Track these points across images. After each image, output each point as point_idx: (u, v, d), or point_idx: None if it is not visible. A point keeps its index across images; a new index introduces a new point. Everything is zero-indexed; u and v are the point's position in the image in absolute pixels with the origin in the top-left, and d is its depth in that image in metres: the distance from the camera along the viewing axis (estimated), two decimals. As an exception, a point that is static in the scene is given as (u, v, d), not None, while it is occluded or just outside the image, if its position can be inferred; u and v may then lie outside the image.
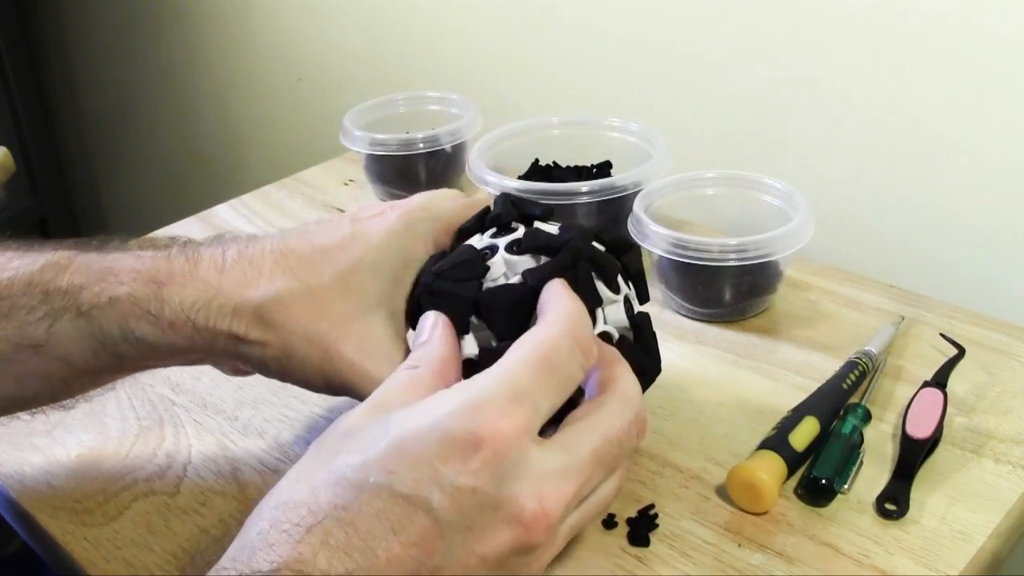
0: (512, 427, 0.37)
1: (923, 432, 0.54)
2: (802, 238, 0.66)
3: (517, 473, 0.37)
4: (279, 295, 0.48)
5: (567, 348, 0.41)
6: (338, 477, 0.37)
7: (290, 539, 0.35)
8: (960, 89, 0.76)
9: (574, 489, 0.39)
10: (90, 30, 1.85)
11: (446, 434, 0.36)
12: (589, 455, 0.40)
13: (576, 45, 1.03)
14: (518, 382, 0.39)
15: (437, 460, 0.36)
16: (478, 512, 0.36)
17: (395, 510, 0.36)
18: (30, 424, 0.63)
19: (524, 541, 0.37)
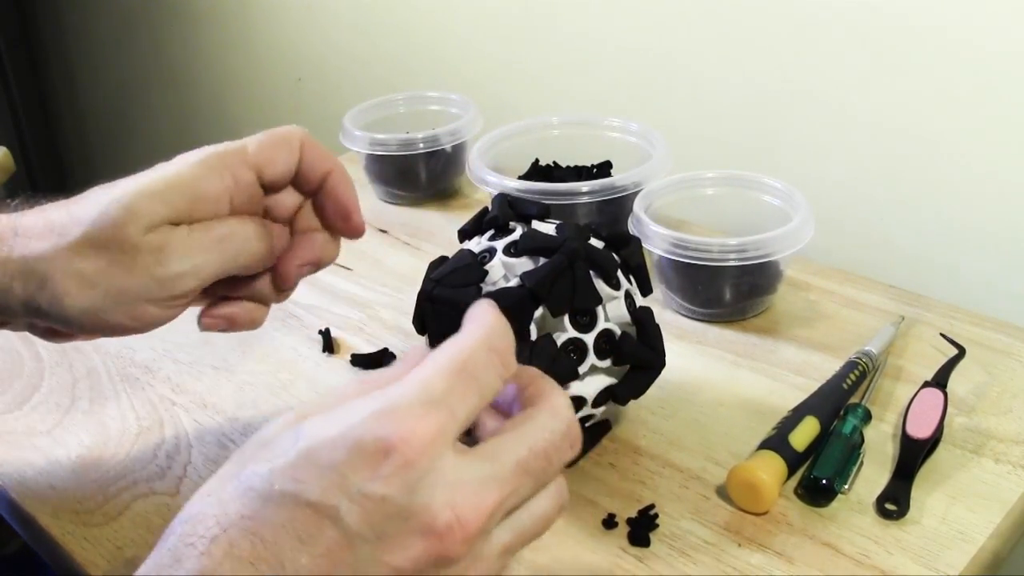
0: (425, 433, 0.35)
1: (923, 432, 0.54)
2: (802, 238, 0.66)
3: (430, 481, 0.35)
4: (64, 244, 0.47)
5: (484, 356, 0.39)
6: (246, 487, 0.36)
7: (195, 551, 0.35)
8: (960, 90, 0.76)
9: (494, 500, 0.36)
10: (90, 30, 1.85)
11: (356, 441, 0.35)
12: (513, 465, 0.38)
13: (576, 45, 1.03)
14: (432, 388, 0.37)
15: (346, 468, 0.35)
16: (389, 522, 0.35)
17: (302, 520, 0.35)
18: (30, 424, 0.63)
19: (439, 553, 0.35)
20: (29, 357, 0.71)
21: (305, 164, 0.51)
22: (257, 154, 0.50)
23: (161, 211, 0.47)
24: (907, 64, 0.78)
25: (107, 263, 0.46)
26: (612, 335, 0.52)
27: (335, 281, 0.77)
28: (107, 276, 0.47)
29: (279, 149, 0.51)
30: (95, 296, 0.47)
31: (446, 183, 0.91)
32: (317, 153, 0.51)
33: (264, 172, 0.50)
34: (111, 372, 0.68)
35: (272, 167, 0.50)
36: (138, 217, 0.47)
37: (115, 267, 0.46)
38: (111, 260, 0.46)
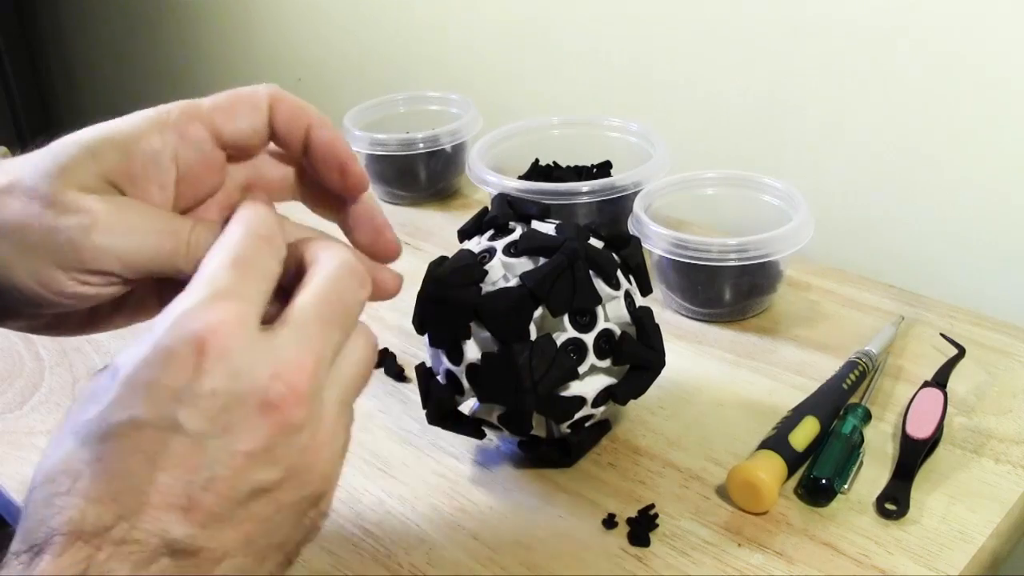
0: (227, 318, 0.36)
1: (923, 432, 0.54)
2: (802, 238, 0.66)
3: (249, 361, 0.36)
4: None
5: (254, 243, 0.39)
6: (84, 435, 0.36)
7: (56, 509, 0.35)
8: (960, 90, 0.76)
9: (313, 358, 0.37)
10: (90, 30, 1.85)
11: (167, 350, 0.35)
12: (315, 320, 0.38)
13: (576, 46, 1.03)
14: (217, 282, 0.37)
15: (167, 378, 0.35)
16: (227, 412, 0.35)
17: (146, 440, 0.35)
18: (30, 424, 0.63)
19: (282, 423, 0.36)
20: (29, 357, 0.71)
21: (279, 123, 0.45)
22: (212, 108, 0.45)
23: (91, 166, 0.42)
24: (907, 65, 0.78)
25: (24, 215, 0.41)
26: (612, 335, 0.52)
27: (335, 281, 0.77)
28: (20, 228, 0.41)
29: (240, 104, 0.45)
30: (2, 248, 0.42)
31: (446, 183, 0.91)
32: (291, 108, 0.45)
33: (222, 129, 0.44)
34: (111, 372, 0.68)
35: (230, 123, 0.44)
36: (66, 170, 0.42)
37: (32, 220, 0.41)
38: (29, 213, 0.41)
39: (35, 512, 0.35)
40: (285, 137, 0.45)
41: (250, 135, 0.45)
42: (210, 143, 0.44)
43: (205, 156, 0.44)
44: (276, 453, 0.36)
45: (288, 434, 0.36)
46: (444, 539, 0.52)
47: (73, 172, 0.42)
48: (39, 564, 0.34)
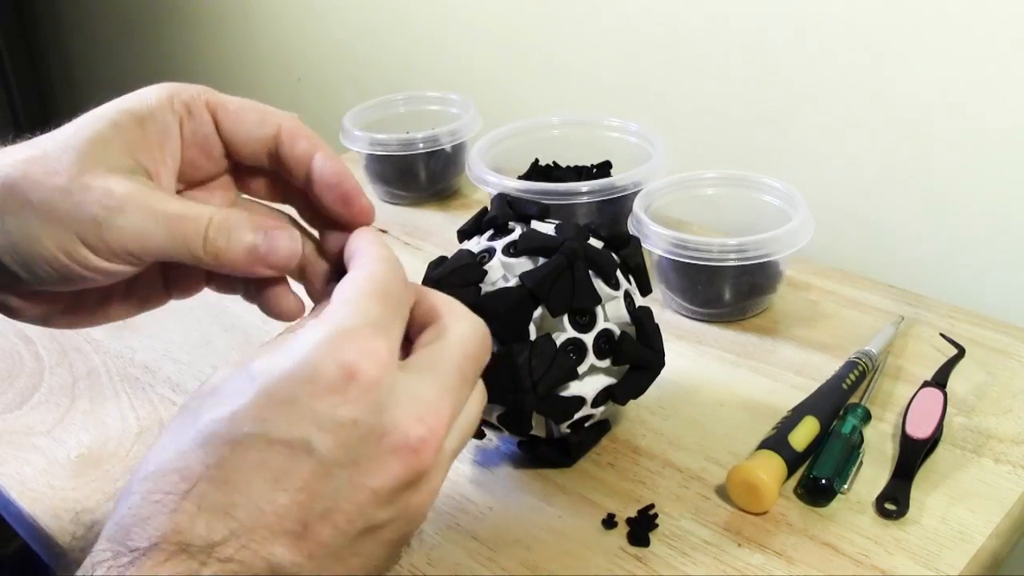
0: (381, 354, 0.35)
1: (923, 432, 0.54)
2: (802, 238, 0.66)
3: (394, 399, 0.35)
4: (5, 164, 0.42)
5: (398, 284, 0.39)
6: (207, 435, 0.34)
7: (164, 510, 0.33)
8: (960, 89, 0.76)
9: (450, 408, 0.37)
10: (90, 30, 1.85)
11: (315, 369, 0.34)
12: (455, 373, 0.38)
13: (576, 45, 1.03)
14: (370, 312, 0.37)
15: (310, 398, 0.34)
16: (363, 444, 0.34)
17: (274, 458, 0.34)
18: (30, 424, 0.63)
19: (415, 467, 0.35)
20: (29, 357, 0.71)
21: (285, 148, 0.45)
22: (222, 102, 0.45)
23: (115, 140, 0.43)
24: (907, 65, 0.78)
25: (51, 188, 0.41)
26: (611, 335, 0.52)
27: (335, 281, 0.77)
28: (47, 200, 0.41)
29: (250, 111, 0.45)
30: (30, 218, 0.41)
31: (446, 183, 0.91)
32: (301, 136, 0.45)
33: (224, 124, 0.45)
34: (111, 372, 0.68)
35: (236, 123, 0.45)
36: (92, 144, 0.42)
37: (58, 193, 0.41)
38: (55, 185, 0.41)
39: (140, 505, 0.34)
40: (287, 163, 0.45)
41: (250, 142, 0.45)
42: (211, 128, 0.45)
43: (207, 142, 0.45)
44: (399, 494, 0.36)
45: (416, 478, 0.36)
46: (444, 539, 0.52)
47: (98, 147, 0.42)
48: (139, 567, 0.33)
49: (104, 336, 0.73)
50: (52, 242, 0.41)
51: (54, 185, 0.41)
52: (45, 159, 0.42)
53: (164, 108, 0.44)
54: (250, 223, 0.43)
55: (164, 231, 0.41)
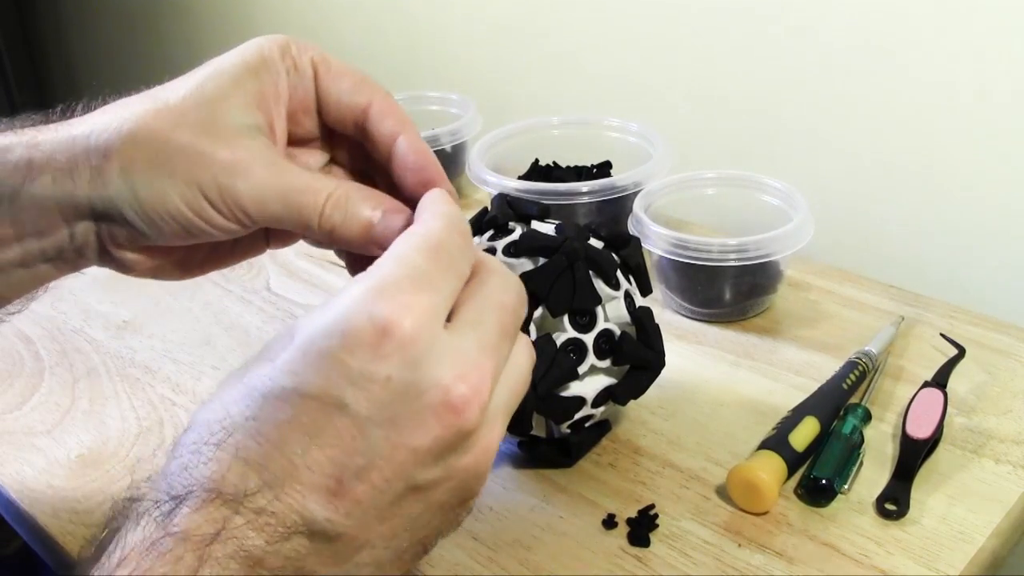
0: (420, 307, 0.34)
1: (923, 432, 0.54)
2: (802, 238, 0.66)
3: (433, 356, 0.34)
4: (128, 116, 0.42)
5: (455, 238, 0.38)
6: (248, 389, 0.35)
7: (203, 458, 0.34)
8: (960, 89, 0.76)
9: (493, 363, 0.36)
10: (90, 30, 1.85)
11: (350, 324, 0.34)
12: (497, 327, 0.37)
13: (576, 45, 1.03)
14: (417, 267, 0.36)
15: (344, 353, 0.34)
16: (398, 402, 0.34)
17: (307, 413, 0.34)
18: (30, 424, 0.63)
19: (457, 427, 0.35)
20: (29, 357, 0.71)
21: (372, 123, 0.45)
22: (323, 59, 0.45)
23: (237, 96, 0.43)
24: (907, 64, 0.78)
25: (179, 144, 0.41)
26: (612, 335, 0.52)
27: (335, 281, 0.77)
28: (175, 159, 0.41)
29: (347, 77, 0.46)
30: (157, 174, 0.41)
31: (446, 183, 0.91)
32: (389, 114, 0.46)
33: (322, 84, 0.45)
34: (111, 372, 0.68)
35: (331, 85, 0.45)
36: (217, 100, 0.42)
37: (184, 150, 0.41)
38: (184, 142, 0.41)
39: (183, 456, 0.35)
40: (373, 137, 0.46)
41: (335, 106, 0.45)
42: (313, 90, 0.45)
43: (307, 98, 0.45)
44: (442, 454, 0.35)
45: (460, 438, 0.35)
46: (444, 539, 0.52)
47: (221, 103, 0.42)
48: (177, 515, 0.33)
49: (104, 336, 0.73)
50: (179, 198, 0.41)
51: (180, 141, 0.41)
52: (169, 112, 0.42)
53: (277, 61, 0.44)
54: (369, 201, 0.43)
55: (281, 201, 0.42)
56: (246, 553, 0.33)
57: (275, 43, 0.44)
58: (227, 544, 0.33)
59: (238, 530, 0.33)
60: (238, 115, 0.43)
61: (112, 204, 0.42)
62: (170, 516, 0.33)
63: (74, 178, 0.42)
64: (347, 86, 0.45)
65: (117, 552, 0.33)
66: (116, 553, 0.33)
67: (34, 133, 0.43)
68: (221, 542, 0.33)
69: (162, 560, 0.32)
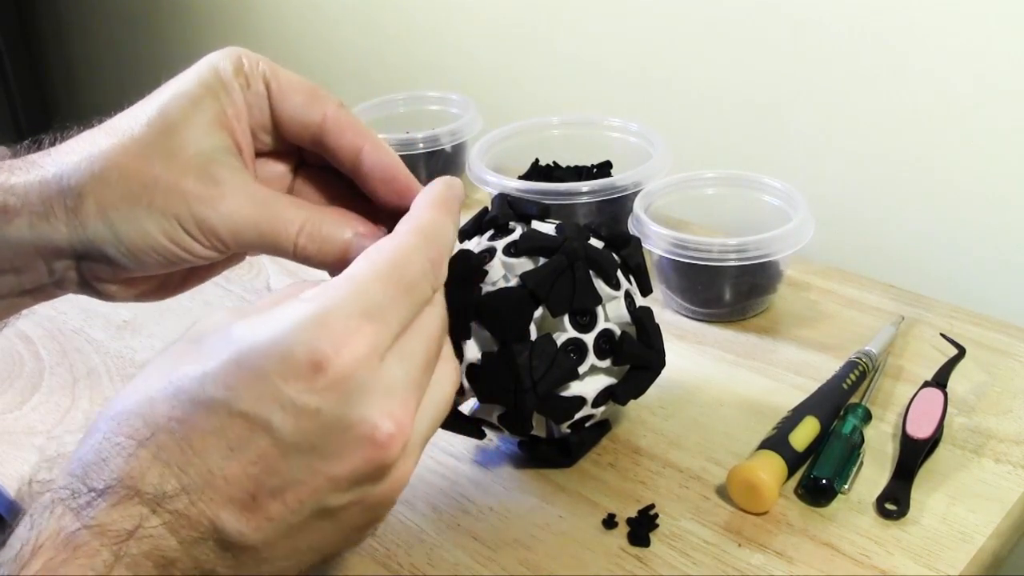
0: (359, 346, 0.34)
1: (923, 432, 0.54)
2: (802, 238, 0.66)
3: (365, 392, 0.34)
4: (96, 155, 0.42)
5: (421, 265, 0.38)
6: (176, 388, 0.35)
7: (123, 453, 0.34)
8: (960, 89, 0.76)
9: (417, 397, 0.37)
10: (90, 30, 1.85)
11: (288, 350, 0.34)
12: (423, 358, 0.38)
13: (576, 45, 1.03)
14: (370, 297, 0.36)
15: (278, 378, 0.34)
16: (324, 434, 0.34)
17: (233, 428, 0.34)
18: (30, 424, 0.63)
19: (379, 461, 0.35)
20: (29, 357, 0.71)
21: (330, 138, 0.45)
22: (273, 75, 0.45)
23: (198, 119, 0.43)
24: (907, 64, 0.78)
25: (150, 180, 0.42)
26: (612, 335, 0.52)
27: (335, 281, 0.77)
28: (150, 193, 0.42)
29: (297, 92, 0.45)
30: (134, 210, 0.42)
31: (446, 183, 0.91)
32: (346, 127, 0.45)
33: (274, 100, 0.45)
34: (111, 372, 0.68)
35: (283, 102, 0.45)
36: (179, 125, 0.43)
37: (160, 183, 0.42)
38: (154, 177, 0.42)
39: (101, 444, 0.35)
40: (334, 153, 0.45)
41: (295, 118, 0.45)
42: (267, 107, 0.45)
43: (262, 115, 0.45)
44: (359, 482, 0.36)
45: (378, 470, 0.36)
46: (444, 539, 0.52)
47: (187, 129, 0.43)
48: (94, 508, 0.33)
49: (104, 336, 0.73)
50: (159, 232, 0.42)
51: (151, 174, 0.42)
52: (135, 144, 0.42)
53: (231, 78, 0.44)
54: (342, 226, 0.44)
55: (255, 232, 0.43)
56: (160, 553, 0.33)
57: (228, 59, 0.45)
58: (142, 542, 0.33)
59: (154, 530, 0.33)
60: (203, 139, 0.43)
61: (92, 244, 0.43)
62: (86, 508, 0.33)
63: (50, 221, 0.42)
64: (299, 101, 0.45)
65: (32, 540, 0.33)
66: (30, 541, 0.33)
67: (7, 175, 0.43)
68: (136, 539, 0.33)
69: (78, 553, 0.33)
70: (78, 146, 0.43)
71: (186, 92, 0.44)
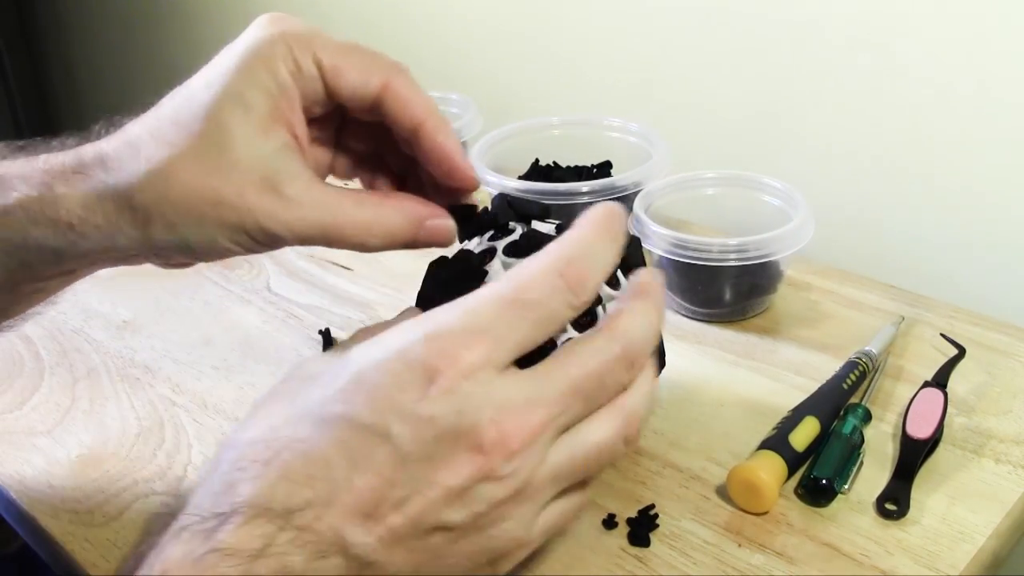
0: (469, 358, 0.35)
1: (923, 432, 0.54)
2: (802, 238, 0.66)
3: (476, 402, 0.35)
4: (155, 171, 0.43)
5: (548, 284, 0.38)
6: (300, 413, 0.36)
7: (248, 476, 0.35)
8: (960, 89, 0.76)
9: (539, 418, 0.36)
10: (90, 30, 1.85)
11: (403, 363, 0.35)
12: (563, 386, 0.37)
13: (576, 45, 1.03)
14: (479, 317, 0.37)
15: (394, 390, 0.35)
16: (438, 442, 0.35)
17: (354, 440, 0.35)
18: (30, 424, 0.63)
19: (485, 470, 0.35)
20: (29, 357, 0.71)
21: (390, 108, 0.45)
22: (325, 52, 0.44)
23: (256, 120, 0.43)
24: (907, 64, 0.78)
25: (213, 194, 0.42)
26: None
27: (335, 281, 0.77)
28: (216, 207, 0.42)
29: (353, 67, 0.44)
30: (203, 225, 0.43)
31: (446, 183, 0.91)
32: (407, 96, 0.45)
33: (327, 77, 0.44)
34: (111, 372, 0.68)
35: (337, 78, 0.44)
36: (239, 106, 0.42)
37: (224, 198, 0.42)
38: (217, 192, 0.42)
39: (227, 473, 0.36)
40: (393, 124, 0.46)
41: (347, 98, 0.45)
42: (320, 88, 0.45)
43: (315, 92, 0.45)
44: (469, 497, 0.36)
45: (487, 482, 0.36)
46: None
47: (245, 136, 0.42)
48: (222, 531, 0.34)
49: (104, 336, 0.73)
50: (228, 240, 0.43)
51: (216, 193, 0.42)
52: (195, 161, 0.42)
53: (280, 66, 0.44)
54: (409, 218, 0.45)
55: (321, 236, 0.43)
56: (288, 570, 0.34)
57: (274, 45, 0.44)
58: (270, 560, 0.34)
59: (282, 546, 0.34)
60: (261, 143, 0.43)
61: (160, 249, 0.44)
62: (215, 532, 0.34)
63: (116, 238, 0.44)
64: (354, 77, 0.45)
65: (158, 567, 0.34)
66: (157, 567, 0.34)
67: (63, 188, 0.44)
68: (265, 558, 0.33)
69: (205, 574, 0.33)
70: (131, 153, 0.43)
71: (235, 91, 0.43)
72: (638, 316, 0.40)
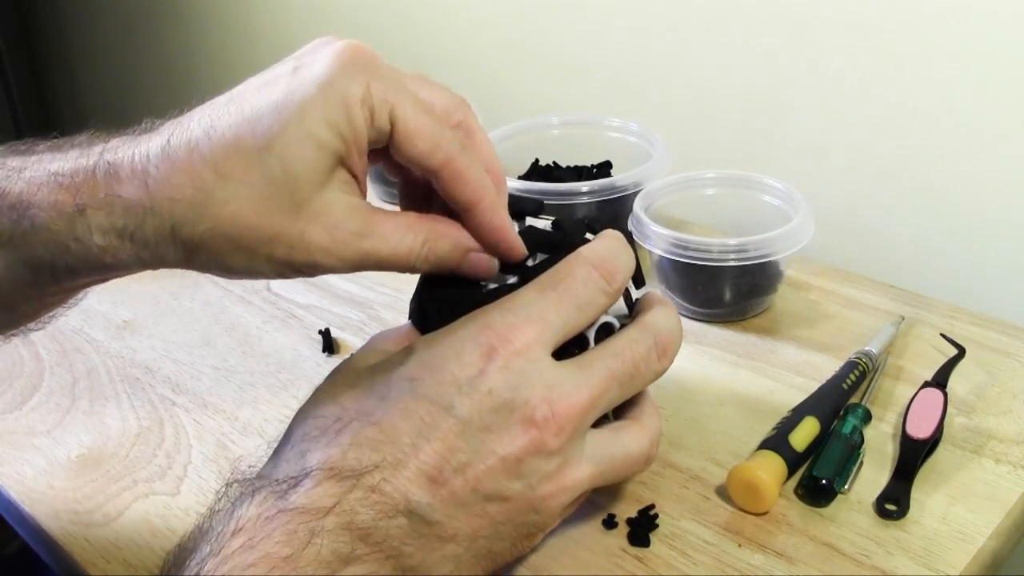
0: (522, 338, 0.40)
1: (923, 432, 0.54)
2: (802, 238, 0.66)
3: (530, 380, 0.40)
4: (211, 206, 0.41)
5: (583, 274, 0.43)
6: (366, 390, 0.40)
7: (319, 444, 0.39)
8: (960, 88, 0.76)
9: (586, 399, 0.41)
10: (90, 30, 1.85)
11: (462, 347, 0.40)
12: (603, 371, 0.42)
13: (576, 45, 1.03)
14: (526, 304, 0.42)
15: (456, 367, 0.40)
16: (495, 413, 0.39)
17: (420, 410, 0.39)
18: (30, 424, 0.63)
19: (537, 442, 0.40)
20: (29, 357, 0.71)
21: (445, 185, 0.44)
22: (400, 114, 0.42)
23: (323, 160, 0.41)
24: (907, 63, 0.78)
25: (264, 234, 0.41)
26: (612, 328, 0.52)
27: (335, 281, 0.77)
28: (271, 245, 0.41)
29: (423, 138, 0.43)
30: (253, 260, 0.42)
31: (446, 183, 0.91)
32: (466, 178, 0.44)
33: (397, 133, 0.42)
34: (111, 372, 0.68)
35: (404, 144, 0.43)
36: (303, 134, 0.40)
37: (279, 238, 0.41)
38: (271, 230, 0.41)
39: (297, 442, 0.40)
40: (448, 197, 0.44)
41: (407, 163, 0.44)
42: (387, 140, 0.43)
43: (378, 141, 0.43)
44: (523, 468, 0.40)
45: (539, 454, 0.40)
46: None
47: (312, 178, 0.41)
48: (294, 493, 0.37)
49: (104, 336, 0.73)
50: (271, 271, 0.43)
51: (274, 231, 0.41)
52: (258, 202, 0.41)
53: (356, 111, 0.41)
54: (456, 246, 0.45)
55: (373, 265, 0.44)
56: (355, 526, 0.37)
57: (354, 86, 0.41)
58: (340, 516, 0.37)
59: (352, 504, 0.37)
60: (328, 184, 0.42)
61: (192, 268, 0.44)
62: (287, 493, 0.37)
63: (150, 263, 0.44)
64: (421, 148, 0.43)
65: (232, 523, 0.37)
66: (231, 524, 0.37)
67: (98, 217, 0.42)
68: (335, 514, 0.36)
69: (276, 531, 0.36)
70: (183, 181, 0.41)
71: (309, 129, 0.40)
72: (662, 314, 0.46)
